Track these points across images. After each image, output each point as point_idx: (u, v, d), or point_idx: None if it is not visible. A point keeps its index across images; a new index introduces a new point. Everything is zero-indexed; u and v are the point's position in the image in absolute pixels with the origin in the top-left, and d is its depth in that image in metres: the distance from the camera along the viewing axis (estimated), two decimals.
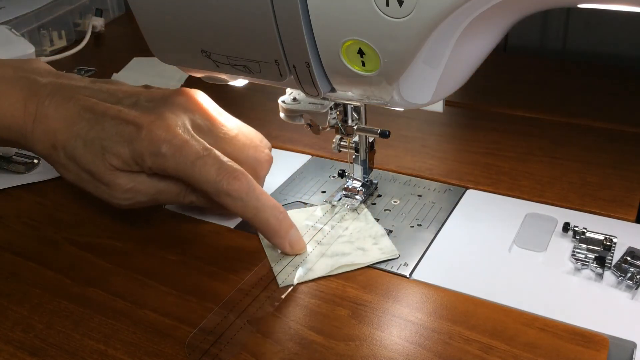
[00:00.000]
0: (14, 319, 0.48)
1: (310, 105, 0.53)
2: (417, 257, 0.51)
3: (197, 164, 0.49)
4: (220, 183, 0.49)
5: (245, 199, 0.50)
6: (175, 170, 0.50)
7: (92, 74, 0.92)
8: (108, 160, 0.51)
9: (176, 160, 0.50)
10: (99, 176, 0.52)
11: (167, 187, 0.53)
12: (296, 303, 0.47)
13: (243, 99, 0.81)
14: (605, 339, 0.42)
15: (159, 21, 0.49)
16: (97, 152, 0.51)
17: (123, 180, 0.52)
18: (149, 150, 0.50)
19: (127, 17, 1.15)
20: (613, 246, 0.49)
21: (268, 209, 0.50)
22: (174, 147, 0.50)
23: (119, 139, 0.51)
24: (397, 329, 0.44)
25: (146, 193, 0.53)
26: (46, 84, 0.55)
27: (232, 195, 0.49)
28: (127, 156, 0.51)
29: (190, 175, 0.50)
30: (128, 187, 0.52)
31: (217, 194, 0.50)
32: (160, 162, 0.50)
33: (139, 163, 0.51)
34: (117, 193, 0.52)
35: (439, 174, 0.61)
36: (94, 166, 0.51)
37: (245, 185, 0.50)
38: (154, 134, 0.50)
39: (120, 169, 0.51)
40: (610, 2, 0.38)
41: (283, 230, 0.51)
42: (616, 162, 0.61)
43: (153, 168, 0.51)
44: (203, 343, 0.44)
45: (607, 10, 0.41)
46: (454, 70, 0.44)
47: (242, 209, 0.50)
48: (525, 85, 0.78)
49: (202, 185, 0.50)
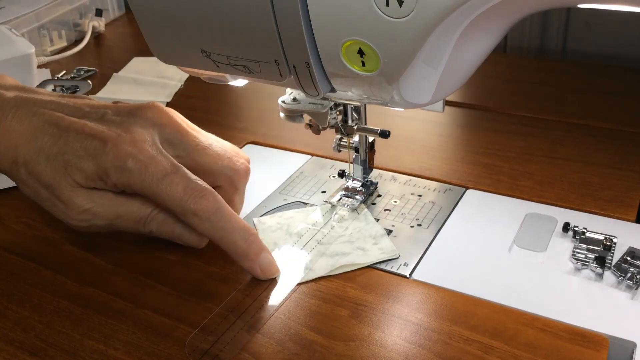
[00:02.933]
0: (14, 319, 0.48)
1: (310, 105, 0.53)
2: (417, 257, 0.51)
3: (164, 182, 0.48)
4: (187, 202, 0.47)
5: (212, 219, 0.47)
6: (140, 187, 0.48)
7: (92, 74, 0.92)
8: (71, 176, 0.49)
9: (142, 176, 0.48)
10: (58, 193, 0.49)
11: (127, 214, 0.50)
12: (296, 303, 0.47)
13: (243, 99, 0.81)
14: (605, 339, 0.42)
15: (159, 21, 0.49)
16: (59, 167, 0.49)
17: (81, 199, 0.49)
18: (114, 165, 0.48)
19: (127, 17, 1.15)
20: (613, 246, 0.49)
21: (237, 230, 0.48)
22: (140, 163, 0.48)
23: (83, 154, 0.49)
24: (397, 329, 0.44)
25: (104, 217, 0.50)
26: (10, 98, 0.52)
27: (199, 215, 0.47)
28: (91, 171, 0.48)
29: (156, 192, 0.48)
30: (85, 208, 0.49)
31: (183, 213, 0.48)
32: (126, 178, 0.48)
33: (103, 179, 0.49)
34: (73, 213, 0.50)
35: (439, 174, 0.61)
36: (54, 181, 0.49)
37: (213, 204, 0.48)
38: (119, 149, 0.48)
39: (83, 185, 0.49)
40: (610, 2, 0.38)
41: (252, 253, 0.48)
42: (616, 162, 0.61)
43: (118, 184, 0.49)
44: (203, 343, 0.44)
45: (607, 10, 0.41)
46: (454, 70, 0.44)
47: (208, 230, 0.48)
48: (525, 85, 0.78)
49: (168, 203, 0.48)
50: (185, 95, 0.84)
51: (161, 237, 0.52)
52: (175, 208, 0.48)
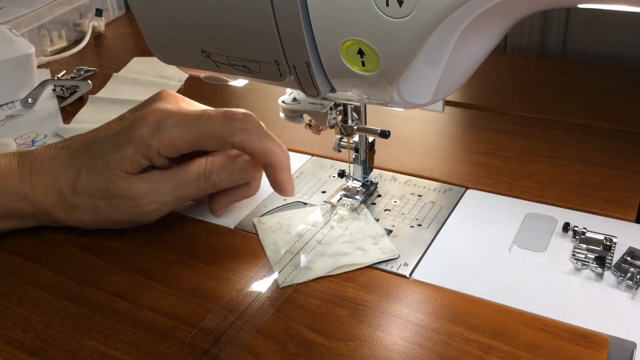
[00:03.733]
0: (14, 319, 0.48)
1: (310, 105, 0.53)
2: (417, 257, 0.51)
3: (202, 119, 0.50)
4: (234, 122, 0.50)
5: (259, 132, 0.51)
6: (183, 138, 0.50)
7: (92, 74, 0.92)
8: (117, 168, 0.51)
9: (180, 127, 0.50)
10: (114, 191, 0.51)
11: (186, 176, 0.52)
12: (296, 303, 0.47)
13: (243, 99, 0.81)
14: (605, 339, 0.42)
15: (159, 21, 0.49)
16: (103, 170, 0.51)
17: (139, 184, 0.51)
18: (149, 132, 0.50)
19: (127, 17, 1.15)
20: (613, 246, 0.49)
21: (279, 145, 0.52)
22: (172, 119, 0.50)
23: (117, 146, 0.51)
24: (397, 329, 0.44)
25: (167, 190, 0.52)
26: (33, 150, 0.56)
27: (248, 129, 0.50)
28: (132, 152, 0.50)
29: (201, 132, 0.50)
30: (147, 189, 0.51)
31: (231, 132, 0.50)
32: (166, 137, 0.50)
33: (146, 153, 0.50)
34: (139, 201, 0.51)
35: (439, 174, 0.61)
36: (105, 184, 0.51)
37: (256, 119, 0.51)
38: (148, 120, 0.50)
39: (133, 172, 0.51)
40: (610, 2, 0.38)
41: (289, 166, 0.53)
42: (616, 162, 0.61)
43: (160, 149, 0.50)
44: (203, 343, 0.44)
45: (607, 10, 0.41)
46: (454, 70, 0.44)
47: (257, 142, 0.51)
48: (525, 85, 0.78)
49: (215, 133, 0.50)
50: (185, 95, 0.83)
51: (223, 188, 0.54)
52: (222, 132, 0.50)
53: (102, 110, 0.80)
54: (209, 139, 0.51)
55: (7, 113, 0.82)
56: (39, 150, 0.55)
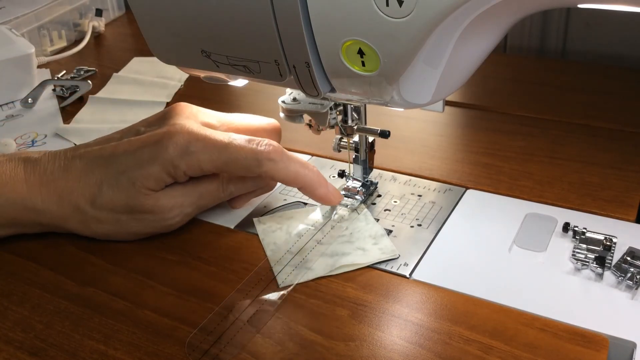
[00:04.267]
0: (14, 319, 0.48)
1: (310, 105, 0.53)
2: (417, 257, 0.51)
3: (229, 147, 0.51)
4: (260, 152, 0.50)
5: (284, 160, 0.51)
6: (210, 162, 0.51)
7: (92, 74, 0.92)
8: (143, 185, 0.51)
9: (209, 152, 0.51)
10: (140, 207, 0.51)
11: (206, 188, 0.54)
12: (296, 303, 0.47)
13: (243, 99, 0.81)
14: (605, 339, 0.42)
15: (159, 21, 0.49)
16: (127, 186, 0.51)
17: (164, 200, 0.52)
18: (177, 154, 0.50)
19: (127, 17, 1.15)
20: (613, 246, 0.49)
21: (305, 166, 0.53)
22: (200, 142, 0.51)
23: (142, 163, 0.51)
24: (397, 329, 0.44)
25: (190, 203, 0.53)
26: (41, 156, 0.55)
27: (273, 158, 0.51)
28: (159, 171, 0.51)
29: (228, 159, 0.51)
30: (172, 204, 0.52)
31: (258, 163, 0.51)
32: (195, 160, 0.51)
33: (172, 173, 0.51)
34: (164, 215, 0.52)
35: (439, 174, 0.61)
36: (130, 200, 0.51)
37: (280, 148, 0.52)
38: (175, 140, 0.51)
39: (157, 189, 0.51)
40: (610, 2, 0.38)
41: (323, 180, 0.53)
42: (616, 162, 0.61)
43: (188, 171, 0.51)
44: (203, 343, 0.44)
45: (607, 10, 0.41)
46: (454, 70, 0.44)
47: (284, 170, 0.51)
48: (525, 85, 0.78)
49: (240, 163, 0.51)
50: (185, 95, 0.84)
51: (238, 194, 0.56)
52: (250, 163, 0.51)
53: (102, 110, 0.81)
54: (236, 167, 0.51)
55: (7, 113, 0.82)
56: (48, 159, 0.54)
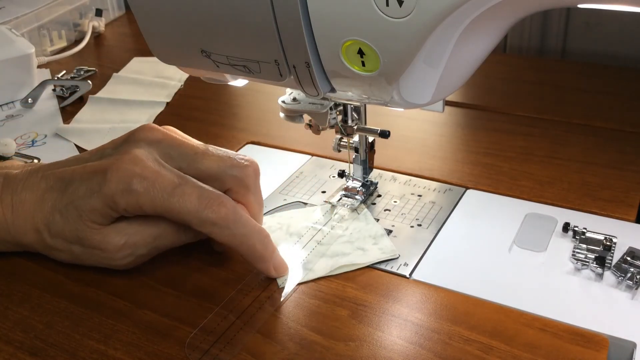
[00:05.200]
0: (14, 319, 0.48)
1: (310, 105, 0.53)
2: (417, 257, 0.51)
3: (174, 195, 0.46)
4: (204, 212, 0.46)
5: (232, 226, 0.46)
6: (151, 206, 0.46)
7: (92, 74, 0.92)
8: (88, 220, 0.47)
9: (151, 194, 0.46)
10: (88, 242, 0.48)
11: (164, 230, 0.49)
12: (296, 303, 0.47)
13: (243, 99, 0.81)
14: (605, 339, 0.42)
15: (159, 21, 0.49)
16: (75, 218, 0.48)
17: (112, 237, 0.48)
18: (119, 189, 0.46)
19: (127, 17, 1.15)
20: (613, 246, 0.49)
21: (255, 234, 0.47)
22: (145, 181, 0.46)
23: (88, 194, 0.47)
24: (397, 329, 0.44)
25: (144, 243, 0.49)
26: (18, 173, 0.52)
27: (218, 223, 0.46)
28: (101, 206, 0.47)
29: (169, 208, 0.46)
30: (122, 244, 0.48)
31: (200, 224, 0.46)
32: (134, 200, 0.46)
33: (113, 208, 0.47)
34: (113, 254, 0.48)
35: (439, 174, 0.61)
36: (78, 232, 0.48)
37: (232, 211, 0.46)
38: (120, 172, 0.46)
39: (104, 223, 0.48)
40: (610, 2, 0.38)
41: (268, 254, 0.48)
42: (616, 162, 0.61)
43: (128, 209, 0.47)
44: (203, 343, 0.44)
45: (607, 10, 0.41)
46: (454, 70, 0.44)
47: (228, 237, 0.47)
48: (525, 85, 0.78)
49: (183, 216, 0.46)
50: (185, 95, 0.84)
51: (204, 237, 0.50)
52: (191, 220, 0.46)
53: (102, 110, 0.81)
54: (177, 218, 0.47)
55: (7, 113, 0.82)
56: (22, 177, 0.52)
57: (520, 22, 0.43)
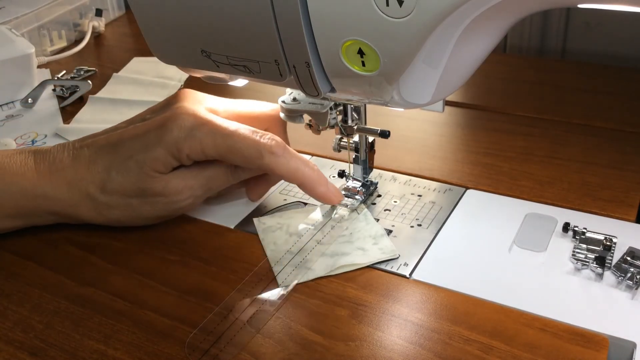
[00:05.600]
0: (14, 319, 0.48)
1: (310, 105, 0.53)
2: (417, 257, 0.51)
3: (233, 135, 0.51)
4: (262, 145, 0.50)
5: (286, 155, 0.51)
6: (214, 148, 0.51)
7: (92, 74, 0.92)
8: (151, 168, 0.51)
9: (212, 137, 0.51)
10: (151, 190, 0.52)
11: (214, 171, 0.54)
12: (296, 303, 0.47)
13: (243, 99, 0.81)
14: (605, 339, 0.42)
15: (159, 21, 0.49)
16: (136, 170, 0.51)
17: (174, 183, 0.52)
18: (181, 136, 0.50)
19: (127, 17, 1.15)
20: (613, 246, 0.49)
21: (306, 163, 0.53)
22: (204, 127, 0.51)
23: (148, 146, 0.51)
24: (397, 329, 0.44)
25: (200, 185, 0.53)
26: (50, 148, 0.55)
27: (275, 152, 0.51)
28: (164, 154, 0.51)
29: (231, 145, 0.51)
30: (182, 186, 0.52)
31: (260, 155, 0.51)
32: (197, 144, 0.51)
33: (176, 155, 0.51)
34: (175, 197, 0.53)
35: (439, 174, 0.61)
36: (140, 183, 0.52)
37: (282, 143, 0.52)
38: (179, 122, 0.51)
39: (165, 172, 0.52)
40: (610, 2, 0.38)
41: (323, 180, 0.53)
42: (616, 162, 0.61)
43: (191, 154, 0.51)
44: (203, 343, 0.44)
45: (607, 10, 0.41)
46: (454, 71, 0.44)
47: (284, 165, 0.51)
48: (525, 85, 0.78)
49: (242, 152, 0.51)
50: None
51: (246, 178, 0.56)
52: (251, 153, 0.51)
53: (102, 111, 0.80)
54: (237, 156, 0.51)
55: (7, 113, 0.82)
56: (57, 149, 0.55)
57: (520, 22, 0.43)
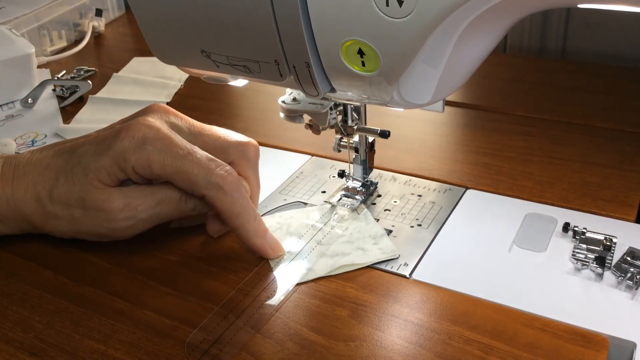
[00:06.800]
0: (14, 319, 0.48)
1: (310, 105, 0.53)
2: (417, 257, 0.51)
3: (186, 158, 0.48)
4: (213, 175, 0.47)
5: (235, 194, 0.48)
6: (161, 166, 0.48)
7: (92, 74, 0.92)
8: (94, 178, 0.49)
9: (162, 154, 0.48)
10: (91, 202, 0.49)
11: (166, 194, 0.50)
12: (296, 303, 0.47)
13: (243, 99, 0.81)
14: (605, 339, 0.42)
15: (159, 21, 0.49)
16: (81, 177, 0.49)
17: (116, 198, 0.49)
18: (130, 147, 0.48)
19: (127, 17, 1.15)
20: (613, 246, 0.49)
21: (251, 209, 0.49)
22: (158, 142, 0.48)
23: (97, 154, 0.49)
24: (397, 329, 0.44)
25: (146, 207, 0.50)
26: (19, 154, 0.54)
27: (224, 188, 0.48)
28: (110, 163, 0.48)
29: (179, 169, 0.47)
30: (124, 204, 0.49)
31: (207, 186, 0.48)
32: (145, 157, 0.47)
33: (122, 166, 0.48)
34: (115, 215, 0.49)
35: (439, 174, 0.61)
36: (82, 192, 0.49)
37: (236, 180, 0.49)
38: (134, 131, 0.48)
39: (110, 183, 0.49)
40: (610, 2, 0.38)
41: (262, 231, 0.50)
42: (616, 162, 0.61)
43: (137, 167, 0.48)
44: (203, 343, 0.44)
45: (607, 10, 0.41)
46: (454, 71, 0.44)
47: (230, 204, 0.48)
48: (525, 85, 0.78)
49: (190, 176, 0.48)
50: (185, 95, 0.84)
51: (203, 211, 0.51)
52: (199, 182, 0.48)
53: (102, 110, 0.81)
54: (184, 180, 0.48)
55: (7, 113, 0.82)
56: (25, 154, 0.53)
57: (520, 22, 0.43)
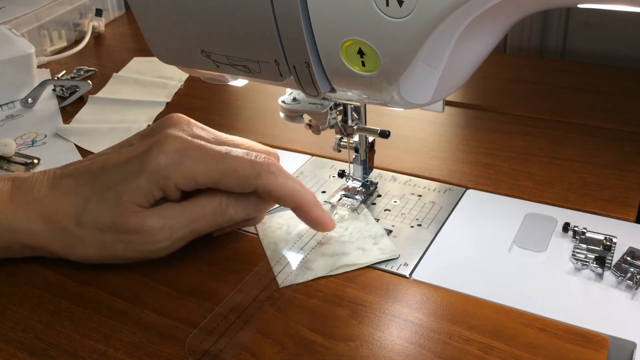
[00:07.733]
0: (14, 319, 0.48)
1: (310, 105, 0.53)
2: (417, 257, 0.51)
3: (226, 157, 0.47)
4: (258, 164, 0.48)
5: (284, 174, 0.49)
6: (206, 173, 0.47)
7: (92, 74, 0.92)
8: (130, 200, 0.47)
9: (204, 161, 0.47)
10: (126, 226, 0.47)
11: (201, 212, 0.49)
12: (296, 303, 0.47)
13: (243, 99, 0.81)
14: (605, 339, 0.42)
15: (159, 21, 0.49)
16: (113, 202, 0.47)
17: (152, 219, 0.47)
18: (168, 163, 0.46)
19: (127, 17, 1.15)
20: (613, 246, 0.49)
21: (301, 184, 0.50)
22: (195, 151, 0.47)
23: (129, 175, 0.47)
24: (397, 329, 0.44)
25: (182, 225, 0.48)
26: (30, 175, 0.51)
27: (273, 172, 0.48)
28: (147, 184, 0.47)
29: (224, 169, 0.47)
30: (160, 226, 0.47)
31: (257, 176, 0.47)
32: (187, 170, 0.47)
33: (162, 185, 0.47)
34: (151, 237, 0.48)
35: (439, 174, 0.61)
36: (115, 217, 0.47)
37: (277, 162, 0.50)
38: (166, 147, 0.47)
39: (145, 205, 0.47)
40: (610, 2, 0.38)
41: (319, 203, 0.51)
42: (616, 162, 0.61)
43: (180, 183, 0.47)
44: (203, 343, 0.44)
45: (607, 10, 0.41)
46: (454, 71, 0.44)
47: (282, 185, 0.48)
48: (525, 85, 0.78)
49: (238, 174, 0.47)
50: (185, 95, 0.84)
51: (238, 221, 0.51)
52: (248, 174, 0.47)
53: (102, 110, 0.81)
54: (232, 179, 0.47)
55: (7, 113, 0.82)
56: (36, 177, 0.51)
57: (520, 22, 0.43)
